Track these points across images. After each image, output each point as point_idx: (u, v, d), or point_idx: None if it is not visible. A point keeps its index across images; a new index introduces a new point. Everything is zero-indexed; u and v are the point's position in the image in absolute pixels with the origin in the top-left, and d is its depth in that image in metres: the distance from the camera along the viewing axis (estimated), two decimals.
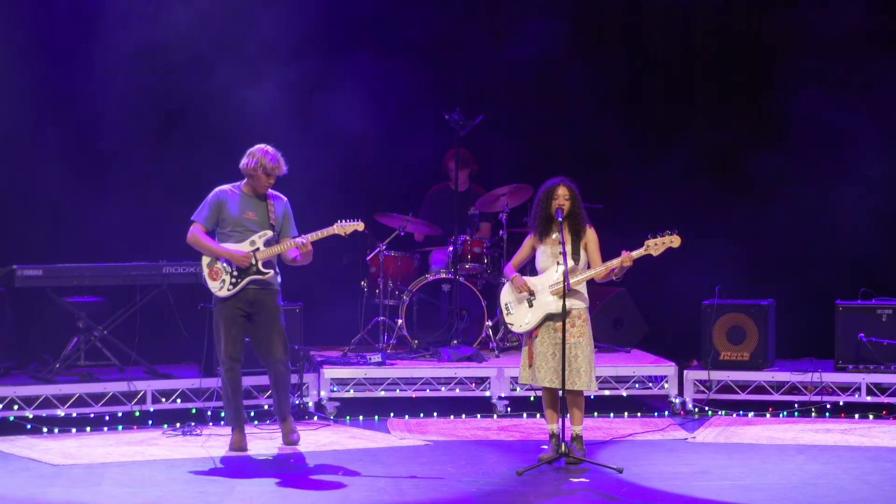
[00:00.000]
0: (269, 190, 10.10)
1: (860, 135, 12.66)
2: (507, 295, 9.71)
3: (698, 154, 13.01)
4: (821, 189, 12.82)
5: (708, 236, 12.38)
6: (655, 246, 9.48)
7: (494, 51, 13.39)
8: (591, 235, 9.59)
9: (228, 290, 9.97)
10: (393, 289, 12.39)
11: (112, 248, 11.90)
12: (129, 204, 12.50)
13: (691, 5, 13.22)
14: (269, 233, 10.03)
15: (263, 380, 10.74)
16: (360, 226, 10.08)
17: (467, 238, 12.44)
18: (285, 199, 10.20)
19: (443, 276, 12.37)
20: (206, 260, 10.06)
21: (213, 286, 10.01)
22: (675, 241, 9.50)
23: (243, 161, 10.02)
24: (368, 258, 12.35)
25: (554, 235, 9.47)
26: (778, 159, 12.76)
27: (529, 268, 9.82)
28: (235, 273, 9.97)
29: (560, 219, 9.46)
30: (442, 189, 12.95)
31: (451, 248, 12.34)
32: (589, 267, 9.55)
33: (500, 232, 12.50)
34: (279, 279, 10.14)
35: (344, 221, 10.06)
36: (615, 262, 9.46)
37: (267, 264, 10.01)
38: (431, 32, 13.35)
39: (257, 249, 9.99)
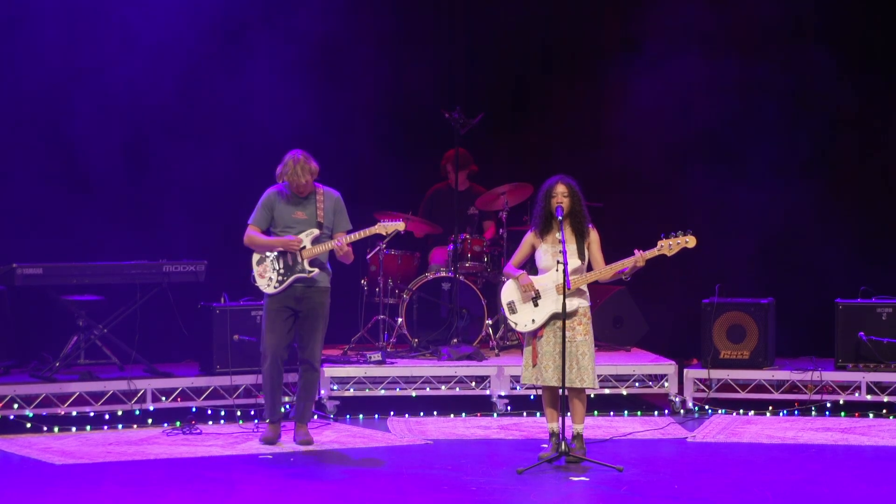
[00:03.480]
0: (320, 185, 10.18)
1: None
2: (510, 293, 9.67)
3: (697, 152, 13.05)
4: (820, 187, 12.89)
5: (708, 235, 12.39)
6: (670, 247, 9.44)
7: (495, 48, 13.43)
8: (593, 236, 9.58)
9: (275, 287, 10.06)
10: (393, 287, 12.39)
11: (112, 247, 11.92)
12: (128, 203, 12.51)
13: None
14: (316, 231, 10.09)
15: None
16: (401, 226, 10.22)
17: (467, 237, 12.44)
18: (337, 194, 10.26)
19: (443, 274, 12.36)
20: (255, 258, 10.17)
21: (261, 283, 10.12)
22: (690, 241, 9.46)
23: (278, 168, 10.10)
24: (368, 256, 12.34)
25: (556, 234, 9.46)
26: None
27: (529, 266, 9.80)
28: (282, 271, 10.07)
29: (560, 217, 9.45)
30: (442, 188, 12.94)
31: (451, 247, 12.33)
32: (591, 267, 9.54)
33: (500, 230, 12.50)
34: (329, 278, 10.22)
35: (386, 221, 10.19)
36: (628, 262, 9.41)
37: (313, 262, 10.08)
38: (432, 29, 13.36)
39: (303, 248, 10.07)
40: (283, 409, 11.03)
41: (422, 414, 11.40)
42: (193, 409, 11.14)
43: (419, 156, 13.35)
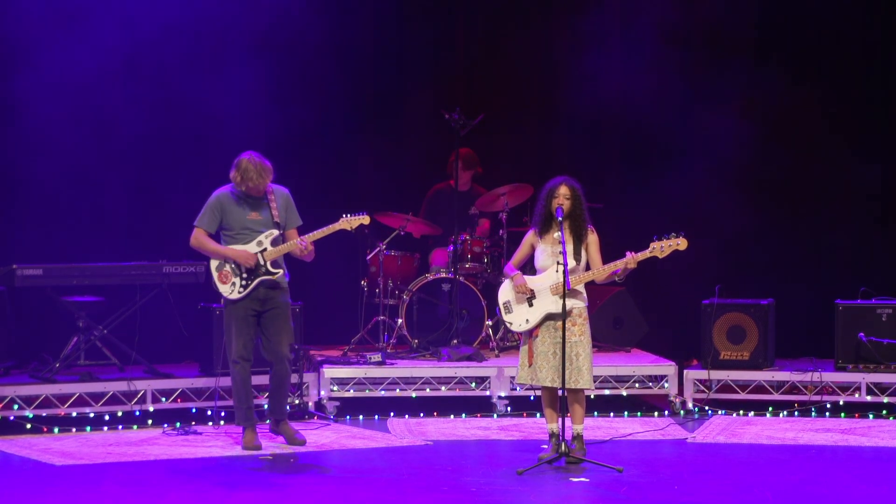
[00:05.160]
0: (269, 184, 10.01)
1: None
2: (506, 293, 9.69)
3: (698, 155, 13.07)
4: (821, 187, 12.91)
5: (709, 236, 12.41)
6: (661, 249, 9.45)
7: (495, 48, 13.43)
8: (592, 238, 9.58)
9: (239, 292, 9.93)
10: (393, 288, 12.39)
11: (112, 248, 11.92)
12: (128, 202, 12.51)
13: None
14: (276, 232, 9.97)
15: (262, 379, 10.74)
16: (365, 219, 10.03)
17: (467, 237, 12.43)
18: (285, 190, 10.12)
19: (443, 275, 12.36)
20: (214, 263, 10.00)
21: (224, 289, 9.96)
22: (681, 243, 9.47)
23: (231, 171, 9.94)
24: (368, 258, 12.34)
25: (555, 234, 9.46)
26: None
27: (529, 266, 9.80)
28: (245, 275, 9.93)
29: (560, 218, 9.45)
30: (443, 189, 12.94)
31: (451, 248, 12.33)
32: (588, 268, 9.54)
33: (500, 231, 12.49)
34: (287, 277, 10.12)
35: (349, 215, 10.01)
36: (619, 264, 9.43)
37: (275, 264, 9.96)
38: (433, 28, 13.38)
39: (265, 250, 9.95)
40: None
41: (422, 415, 11.40)
42: (193, 410, 11.15)
43: (419, 156, 13.34)
